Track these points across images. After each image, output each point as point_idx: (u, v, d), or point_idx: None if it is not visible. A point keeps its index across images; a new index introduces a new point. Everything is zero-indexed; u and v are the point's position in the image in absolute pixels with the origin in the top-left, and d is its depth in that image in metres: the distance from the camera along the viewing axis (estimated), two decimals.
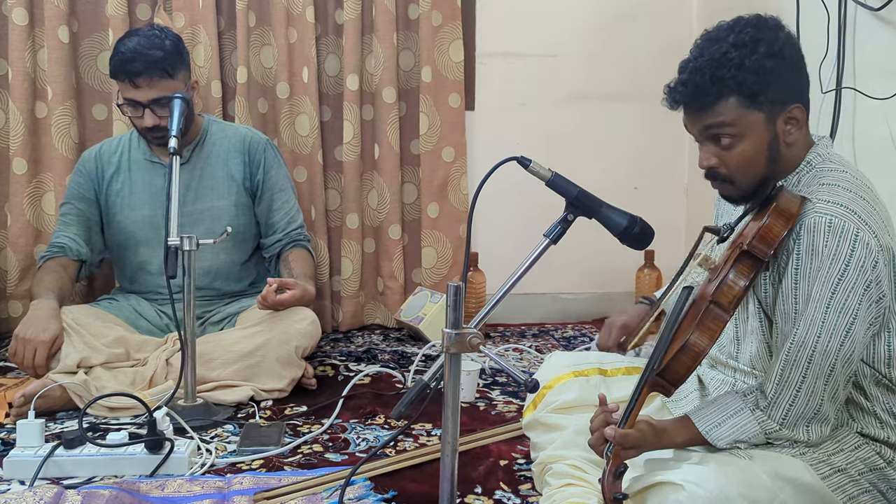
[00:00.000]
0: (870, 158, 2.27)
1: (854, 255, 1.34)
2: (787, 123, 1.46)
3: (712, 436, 1.40)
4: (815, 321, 1.36)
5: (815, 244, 1.36)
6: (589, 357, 1.73)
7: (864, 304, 1.35)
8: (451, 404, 1.40)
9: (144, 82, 2.32)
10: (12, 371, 2.50)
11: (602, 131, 3.31)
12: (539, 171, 1.49)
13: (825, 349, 1.35)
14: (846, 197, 1.39)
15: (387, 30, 3.00)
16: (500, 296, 1.50)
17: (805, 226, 1.38)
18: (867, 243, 1.35)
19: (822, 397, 1.37)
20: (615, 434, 1.34)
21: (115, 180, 2.53)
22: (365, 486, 1.73)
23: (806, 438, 1.39)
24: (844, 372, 1.37)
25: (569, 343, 3.04)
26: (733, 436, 1.40)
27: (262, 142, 2.62)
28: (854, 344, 1.36)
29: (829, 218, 1.36)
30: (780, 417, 1.38)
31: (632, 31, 3.28)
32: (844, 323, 1.35)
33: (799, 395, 1.37)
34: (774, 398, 1.39)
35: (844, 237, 1.35)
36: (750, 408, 1.40)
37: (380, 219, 3.14)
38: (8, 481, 1.76)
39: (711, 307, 1.36)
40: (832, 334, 1.35)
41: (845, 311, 1.35)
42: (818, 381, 1.36)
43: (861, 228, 1.35)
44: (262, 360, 2.29)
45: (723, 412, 1.42)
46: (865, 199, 1.41)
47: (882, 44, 2.25)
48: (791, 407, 1.38)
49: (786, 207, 1.38)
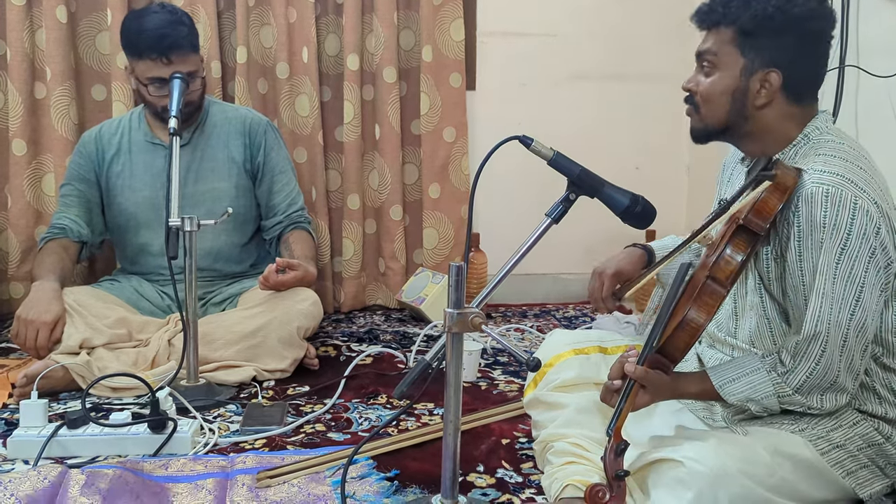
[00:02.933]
0: (873, 136, 2.26)
1: (855, 223, 1.34)
2: (760, 83, 1.46)
3: (725, 390, 1.41)
4: (825, 293, 1.36)
5: (814, 215, 1.36)
6: (589, 335, 1.73)
7: (871, 271, 1.35)
8: (453, 384, 1.41)
9: (178, 57, 2.32)
10: (15, 352, 2.50)
11: (603, 111, 3.30)
12: (541, 151, 1.49)
13: (837, 320, 1.35)
14: (841, 166, 1.39)
15: (387, 9, 2.98)
16: (501, 276, 1.50)
17: (802, 197, 1.37)
18: (867, 210, 1.34)
19: (839, 368, 1.37)
20: (635, 370, 1.34)
21: (116, 162, 2.52)
22: (367, 464, 1.74)
23: (819, 406, 1.39)
24: (859, 341, 1.37)
25: (570, 323, 3.04)
26: (746, 393, 1.40)
27: (262, 123, 2.61)
28: (865, 312, 1.36)
29: (825, 188, 1.35)
30: (796, 385, 1.39)
31: (632, 10, 3.26)
32: (853, 292, 1.35)
33: (817, 367, 1.37)
34: (792, 368, 1.39)
35: (843, 205, 1.34)
36: (767, 369, 1.41)
37: (381, 199, 3.13)
38: (12, 461, 1.77)
39: (708, 282, 1.36)
40: (841, 305, 1.35)
41: (852, 279, 1.35)
42: (833, 351, 1.36)
43: (859, 196, 1.34)
44: (263, 340, 2.29)
45: (739, 369, 1.42)
46: (862, 167, 1.41)
47: (886, 22, 2.24)
48: (808, 378, 1.38)
49: (781, 180, 1.38)
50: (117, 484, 1.55)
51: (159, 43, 2.30)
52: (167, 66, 2.32)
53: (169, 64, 2.31)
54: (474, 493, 1.64)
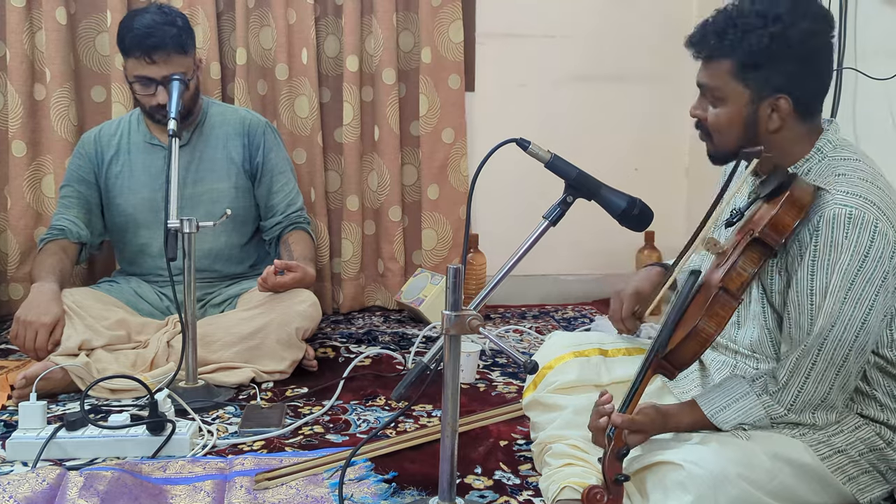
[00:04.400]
0: (871, 139, 2.27)
1: (873, 247, 1.34)
2: (771, 110, 1.45)
3: (718, 419, 1.41)
4: (832, 312, 1.35)
5: (836, 237, 1.35)
6: (589, 337, 1.73)
7: (881, 296, 1.35)
8: (451, 385, 1.41)
9: (161, 58, 2.32)
10: (14, 354, 2.50)
11: (602, 112, 3.30)
12: (538, 153, 1.49)
13: (840, 339, 1.35)
14: (863, 187, 1.38)
15: (386, 10, 2.98)
16: (499, 277, 1.50)
17: (825, 218, 1.36)
18: (885, 234, 1.34)
19: (833, 385, 1.38)
20: (622, 420, 1.34)
21: (115, 163, 2.52)
22: (365, 466, 1.74)
23: (812, 423, 1.40)
24: (857, 362, 1.38)
25: (569, 324, 3.04)
26: (738, 419, 1.40)
27: (261, 124, 2.62)
28: (868, 335, 1.36)
29: (849, 210, 1.34)
30: (789, 403, 1.39)
31: (631, 11, 3.27)
32: (861, 314, 1.35)
33: (808, 382, 1.38)
34: (785, 384, 1.39)
35: (865, 228, 1.34)
36: (757, 392, 1.41)
37: (380, 200, 3.13)
38: (10, 463, 1.77)
39: (721, 293, 1.36)
40: (847, 325, 1.35)
41: (861, 302, 1.35)
42: (830, 369, 1.37)
43: (879, 219, 1.35)
44: (262, 341, 2.29)
45: (728, 396, 1.42)
46: (881, 188, 1.40)
47: (884, 24, 2.24)
48: (800, 393, 1.38)
49: (799, 197, 1.37)
50: (116, 486, 1.55)
51: (142, 42, 2.31)
52: (150, 66, 2.32)
53: (152, 63, 2.32)
54: (472, 495, 1.64)
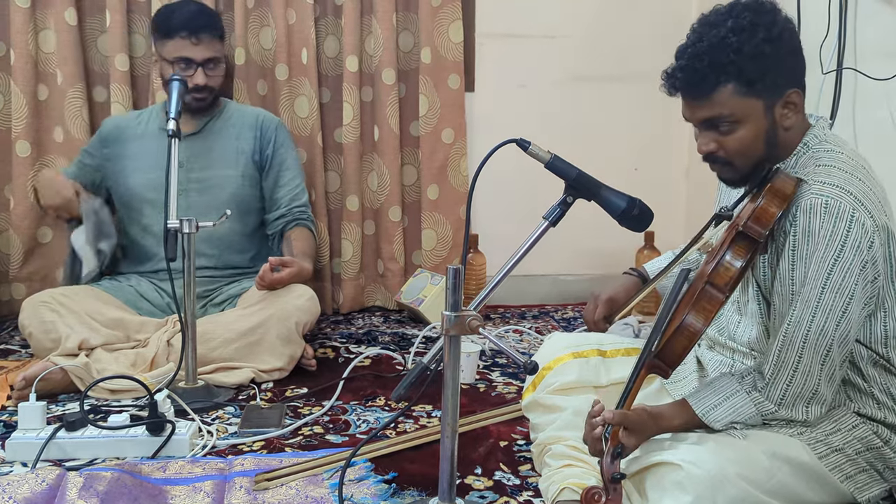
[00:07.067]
0: (870, 139, 2.27)
1: (850, 236, 1.34)
2: (785, 108, 1.46)
3: (709, 418, 1.41)
4: (810, 302, 1.36)
5: (812, 225, 1.36)
6: (588, 338, 1.73)
7: (860, 285, 1.36)
8: (450, 386, 1.41)
9: (206, 39, 2.50)
10: (14, 354, 2.51)
11: (602, 112, 3.30)
12: (538, 154, 1.49)
13: (821, 329, 1.36)
14: (841, 177, 1.39)
15: (386, 10, 2.98)
16: (499, 277, 1.50)
17: (801, 207, 1.38)
18: (863, 223, 1.35)
19: (820, 378, 1.38)
20: (613, 416, 1.34)
21: (129, 145, 2.60)
22: (365, 467, 1.74)
23: (804, 418, 1.40)
24: (841, 352, 1.38)
25: (568, 324, 3.04)
26: (729, 417, 1.41)
27: (274, 121, 2.73)
28: (850, 324, 1.37)
29: (824, 199, 1.36)
30: (778, 398, 1.39)
31: (630, 11, 3.26)
32: (840, 303, 1.35)
33: (796, 375, 1.38)
34: (772, 379, 1.39)
35: (840, 217, 1.35)
36: (746, 389, 1.41)
37: (380, 201, 3.13)
38: (10, 463, 1.77)
39: (707, 288, 1.36)
40: (828, 315, 1.35)
41: (841, 291, 1.35)
42: (815, 361, 1.37)
43: (857, 208, 1.35)
44: (262, 337, 2.30)
45: (719, 394, 1.42)
46: (861, 178, 1.41)
47: (883, 24, 2.24)
48: (788, 387, 1.38)
49: (780, 188, 1.38)
50: (115, 486, 1.55)
51: (190, 22, 2.47)
52: (194, 47, 2.47)
53: (197, 44, 2.48)
54: (472, 496, 1.64)
